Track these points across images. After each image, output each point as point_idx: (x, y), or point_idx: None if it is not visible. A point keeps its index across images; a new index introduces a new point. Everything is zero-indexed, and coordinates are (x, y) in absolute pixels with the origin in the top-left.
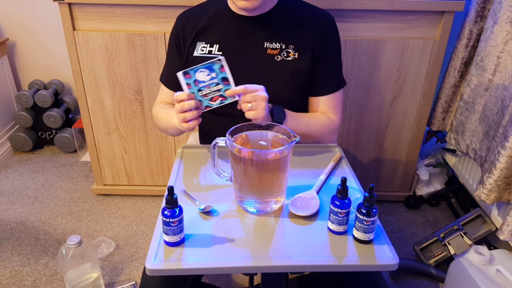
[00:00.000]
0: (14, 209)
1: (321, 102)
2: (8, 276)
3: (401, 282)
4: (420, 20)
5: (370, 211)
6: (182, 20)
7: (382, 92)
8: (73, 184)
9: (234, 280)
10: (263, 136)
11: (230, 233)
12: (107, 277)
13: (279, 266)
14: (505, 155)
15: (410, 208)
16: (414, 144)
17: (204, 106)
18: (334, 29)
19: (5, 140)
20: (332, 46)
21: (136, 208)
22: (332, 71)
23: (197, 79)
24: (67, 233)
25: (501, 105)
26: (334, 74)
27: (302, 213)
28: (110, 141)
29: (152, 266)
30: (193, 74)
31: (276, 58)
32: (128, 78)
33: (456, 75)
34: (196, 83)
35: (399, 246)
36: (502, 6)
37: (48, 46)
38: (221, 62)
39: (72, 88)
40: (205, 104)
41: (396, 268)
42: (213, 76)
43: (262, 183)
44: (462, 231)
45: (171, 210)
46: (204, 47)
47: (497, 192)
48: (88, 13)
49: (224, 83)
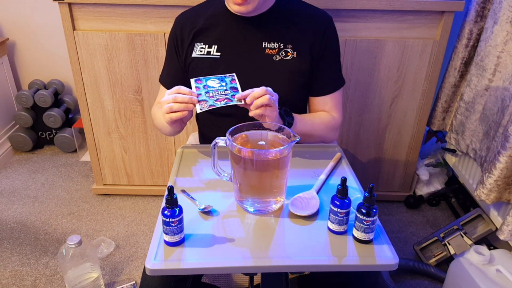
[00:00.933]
0: (14, 209)
1: (322, 102)
2: (8, 276)
3: (401, 282)
4: (420, 20)
5: (370, 211)
6: (180, 21)
7: (382, 92)
8: (73, 184)
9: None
10: (263, 136)
11: (230, 233)
12: (107, 277)
13: (279, 266)
14: (505, 155)
15: (410, 208)
16: (414, 144)
17: (209, 105)
18: (333, 28)
19: (5, 140)
20: (331, 46)
21: (136, 208)
22: (331, 71)
23: (207, 84)
24: (67, 233)
25: (501, 105)
26: (334, 74)
27: (302, 213)
28: (110, 141)
29: (152, 266)
30: (204, 81)
31: (275, 58)
32: (128, 78)
33: (456, 75)
34: (205, 87)
35: (399, 246)
36: (502, 6)
37: (48, 46)
38: (233, 76)
39: (72, 88)
40: (209, 103)
41: (396, 268)
42: (222, 84)
43: (262, 183)
44: (462, 231)
45: (171, 210)
46: (202, 48)
47: (497, 192)
48: (88, 13)
49: (233, 90)
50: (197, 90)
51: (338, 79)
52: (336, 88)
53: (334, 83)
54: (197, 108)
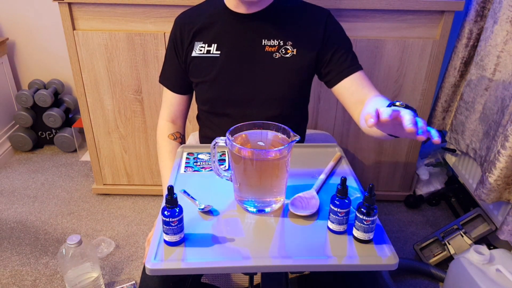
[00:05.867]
0: (14, 208)
1: (348, 86)
2: (8, 276)
3: (401, 282)
4: (420, 19)
5: (370, 211)
6: (180, 22)
7: (382, 91)
8: (73, 184)
9: (234, 280)
10: (263, 136)
11: (230, 233)
12: (107, 277)
13: (279, 265)
14: (505, 154)
15: (410, 208)
16: (414, 144)
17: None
18: (333, 20)
19: (5, 139)
20: (336, 34)
21: (136, 207)
22: (347, 56)
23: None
24: (67, 233)
25: (501, 104)
26: (349, 58)
27: (302, 213)
28: (110, 140)
29: (152, 265)
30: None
31: (275, 55)
32: (128, 78)
33: (456, 75)
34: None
35: (399, 245)
36: (502, 6)
37: (48, 45)
38: None
39: (72, 87)
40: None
41: (396, 267)
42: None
43: (262, 183)
44: (462, 231)
45: (171, 209)
46: (202, 47)
47: (497, 192)
48: (88, 13)
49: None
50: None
51: (355, 62)
52: (356, 69)
53: (354, 64)
54: None
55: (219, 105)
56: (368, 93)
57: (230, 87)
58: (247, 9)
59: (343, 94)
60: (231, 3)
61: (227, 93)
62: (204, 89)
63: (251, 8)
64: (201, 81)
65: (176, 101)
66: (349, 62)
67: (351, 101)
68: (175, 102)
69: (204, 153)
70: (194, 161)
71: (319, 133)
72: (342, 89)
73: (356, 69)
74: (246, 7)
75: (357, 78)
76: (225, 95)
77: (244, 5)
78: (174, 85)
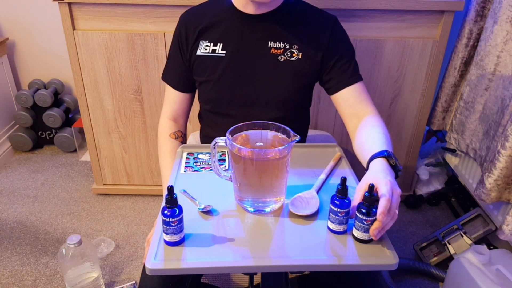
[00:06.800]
0: (14, 208)
1: (346, 97)
2: (8, 276)
3: (401, 282)
4: (420, 19)
5: (370, 211)
6: (185, 19)
7: (382, 91)
8: (73, 184)
9: (234, 280)
10: (263, 136)
11: (230, 233)
12: (107, 277)
13: (279, 265)
14: (505, 154)
15: (410, 208)
16: (414, 144)
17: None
18: (339, 27)
19: (5, 139)
20: (341, 42)
21: (136, 207)
22: (348, 66)
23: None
24: (67, 233)
25: (501, 104)
26: (350, 68)
27: (302, 213)
28: (110, 140)
29: (152, 265)
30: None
31: (280, 58)
32: (128, 78)
33: (456, 75)
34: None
35: (399, 245)
36: (502, 6)
37: (48, 45)
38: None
39: (72, 87)
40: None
41: (396, 267)
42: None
43: (262, 183)
44: (462, 231)
45: (171, 209)
46: (207, 46)
47: (497, 192)
48: (88, 13)
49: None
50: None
51: (356, 72)
52: (357, 79)
53: (354, 75)
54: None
55: (222, 105)
56: (365, 108)
57: (233, 87)
58: (255, 10)
59: (341, 104)
60: (239, 2)
61: (231, 94)
62: (208, 88)
63: (260, 8)
64: (205, 80)
65: (179, 99)
66: (350, 72)
67: (347, 112)
68: (178, 100)
69: (204, 153)
70: (194, 161)
71: (319, 133)
72: (341, 99)
73: (356, 80)
74: (255, 7)
75: (356, 90)
76: (229, 96)
77: (254, 5)
78: (177, 83)
